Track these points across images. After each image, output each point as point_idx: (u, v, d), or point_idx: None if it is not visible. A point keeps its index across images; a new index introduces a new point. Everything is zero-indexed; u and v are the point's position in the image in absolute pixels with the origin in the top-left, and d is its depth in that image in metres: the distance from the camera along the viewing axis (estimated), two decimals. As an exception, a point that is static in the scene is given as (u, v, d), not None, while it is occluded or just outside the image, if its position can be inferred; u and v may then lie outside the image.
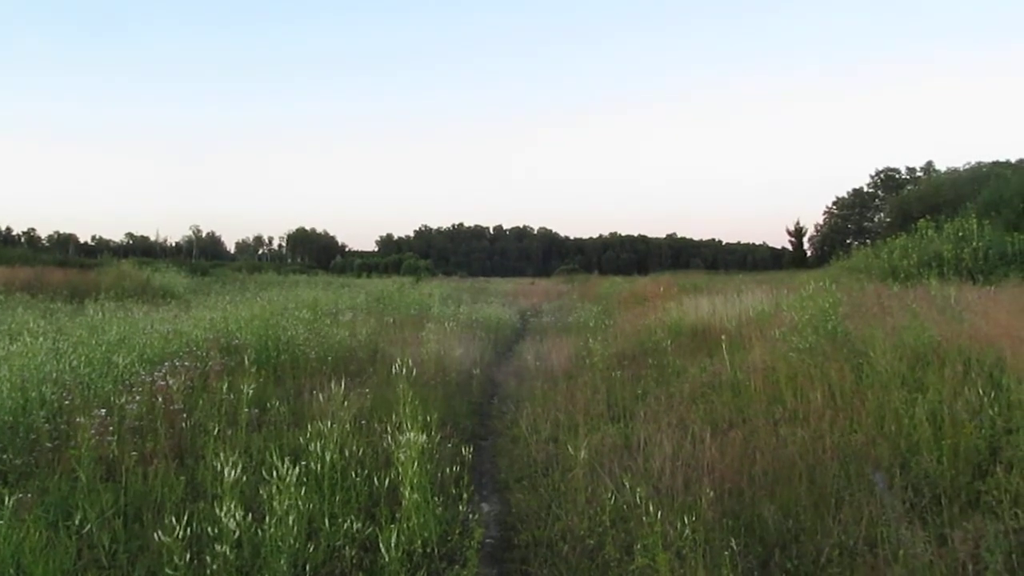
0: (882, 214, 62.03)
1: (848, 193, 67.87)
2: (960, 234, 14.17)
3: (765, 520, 3.79)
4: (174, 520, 3.23)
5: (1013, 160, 41.33)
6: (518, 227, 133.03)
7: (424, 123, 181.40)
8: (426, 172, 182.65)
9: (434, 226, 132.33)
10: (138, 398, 5.25)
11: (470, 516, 4.38)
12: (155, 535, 3.29)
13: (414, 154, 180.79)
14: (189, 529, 3.25)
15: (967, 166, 47.30)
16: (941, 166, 58.15)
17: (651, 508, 3.48)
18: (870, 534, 3.53)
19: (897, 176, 64.87)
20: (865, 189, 66.99)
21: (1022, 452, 3.97)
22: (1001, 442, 4.20)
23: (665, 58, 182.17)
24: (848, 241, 58.12)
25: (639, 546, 3.47)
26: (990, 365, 5.30)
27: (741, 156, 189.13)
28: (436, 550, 3.88)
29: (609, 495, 4.07)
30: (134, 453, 4.30)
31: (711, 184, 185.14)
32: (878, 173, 66.56)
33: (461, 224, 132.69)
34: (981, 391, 4.63)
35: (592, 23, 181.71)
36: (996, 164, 41.06)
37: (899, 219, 38.51)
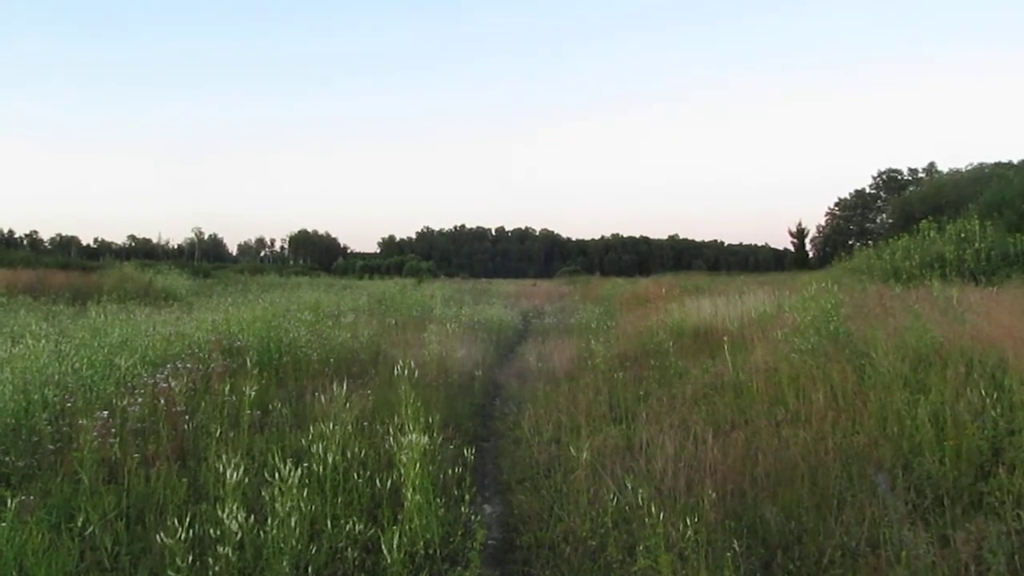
0: (884, 215, 61.81)
1: (850, 194, 67.67)
2: (962, 235, 14.17)
3: (767, 521, 3.79)
4: (176, 522, 3.24)
5: (1015, 161, 41.21)
6: (520, 228, 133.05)
7: (425, 123, 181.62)
8: (427, 173, 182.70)
9: (436, 227, 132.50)
10: (140, 400, 5.25)
11: (472, 517, 4.38)
12: (157, 537, 3.29)
13: (415, 155, 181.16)
14: (191, 531, 3.27)
15: (969, 167, 47.09)
16: (943, 167, 57.91)
17: (653, 509, 3.48)
18: (872, 535, 3.52)
19: (899, 177, 64.63)
20: (867, 190, 66.72)
21: (1025, 453, 3.96)
22: (1003, 443, 4.20)
23: (665, 58, 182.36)
24: (850, 242, 57.89)
25: (641, 547, 3.47)
26: (992, 366, 5.29)
27: (742, 156, 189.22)
28: (438, 551, 3.89)
29: (611, 496, 4.07)
30: (136, 455, 4.30)
31: (712, 185, 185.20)
32: (880, 174, 66.36)
33: (463, 225, 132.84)
34: (983, 392, 4.63)
35: (592, 23, 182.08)
36: (998, 165, 40.97)
37: (901, 220, 38.44)
